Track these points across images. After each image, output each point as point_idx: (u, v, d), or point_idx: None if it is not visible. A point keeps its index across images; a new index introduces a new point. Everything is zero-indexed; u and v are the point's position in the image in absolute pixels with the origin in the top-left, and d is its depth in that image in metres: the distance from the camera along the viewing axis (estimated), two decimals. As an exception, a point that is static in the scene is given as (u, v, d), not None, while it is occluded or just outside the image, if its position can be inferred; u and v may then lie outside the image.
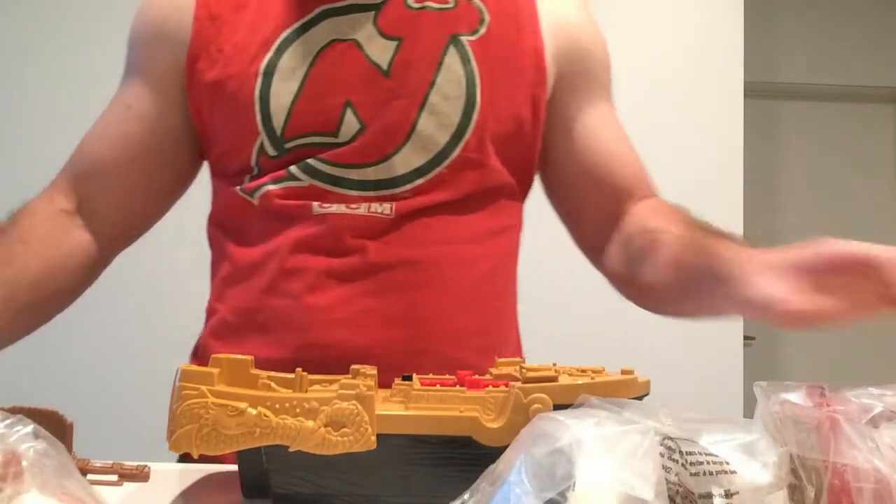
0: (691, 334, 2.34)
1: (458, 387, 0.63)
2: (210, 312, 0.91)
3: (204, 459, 0.80)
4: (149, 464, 0.70)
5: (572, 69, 0.93)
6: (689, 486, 0.48)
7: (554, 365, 0.71)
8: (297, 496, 0.61)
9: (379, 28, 0.85)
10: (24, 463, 0.46)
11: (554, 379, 0.62)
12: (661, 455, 0.48)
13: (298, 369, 0.62)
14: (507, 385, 0.61)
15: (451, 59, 0.85)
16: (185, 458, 0.89)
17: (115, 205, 0.91)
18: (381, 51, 0.85)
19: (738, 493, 0.48)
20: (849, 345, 3.30)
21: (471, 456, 0.58)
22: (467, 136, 0.85)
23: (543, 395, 0.59)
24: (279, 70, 0.84)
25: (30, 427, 0.48)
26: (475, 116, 0.85)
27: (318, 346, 0.81)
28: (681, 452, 0.49)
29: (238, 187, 0.87)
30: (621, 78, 0.99)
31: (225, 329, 0.88)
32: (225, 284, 0.89)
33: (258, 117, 0.83)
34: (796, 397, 0.52)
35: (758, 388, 0.54)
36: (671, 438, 0.49)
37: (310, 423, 0.57)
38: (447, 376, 0.68)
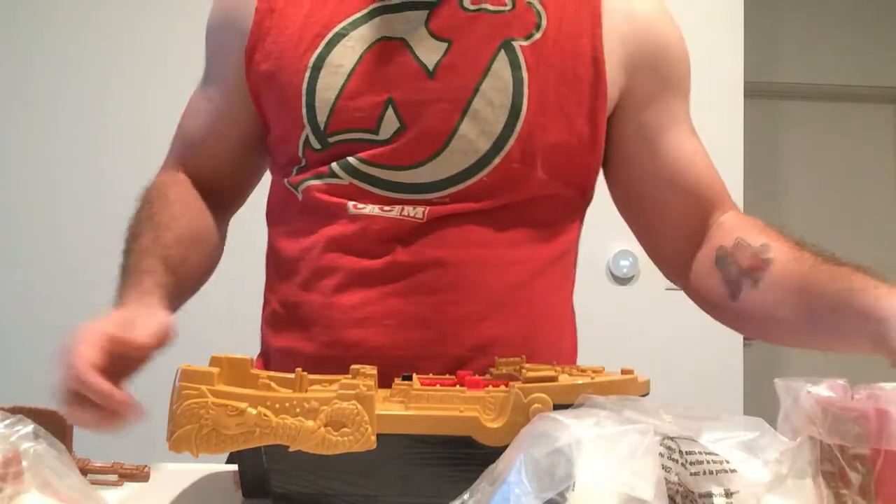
0: (691, 334, 2.34)
1: (457, 387, 0.63)
2: (265, 301, 0.93)
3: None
4: (149, 464, 0.70)
5: (648, 76, 0.89)
6: (689, 486, 0.48)
7: (554, 365, 0.71)
8: (297, 496, 0.61)
9: (430, 29, 0.84)
10: (24, 463, 0.46)
11: (554, 379, 0.62)
12: (661, 455, 0.48)
13: (298, 369, 0.62)
14: (506, 385, 0.61)
15: (500, 64, 0.83)
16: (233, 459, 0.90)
17: (211, 180, 0.96)
18: (429, 52, 0.83)
19: (737, 491, 0.48)
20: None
21: (471, 456, 0.58)
22: (510, 144, 0.82)
23: (543, 395, 0.59)
24: (327, 65, 0.84)
25: (30, 427, 0.48)
26: (519, 125, 0.82)
27: (344, 345, 0.82)
28: (681, 452, 0.49)
29: (286, 179, 0.89)
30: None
31: (275, 320, 0.90)
32: (274, 276, 0.91)
33: (304, 110, 0.84)
34: (824, 392, 0.54)
35: (780, 383, 0.55)
36: (671, 438, 0.49)
37: (310, 423, 0.57)
38: (447, 376, 0.68)
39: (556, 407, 0.58)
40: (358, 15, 0.86)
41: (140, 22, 2.41)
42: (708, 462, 0.49)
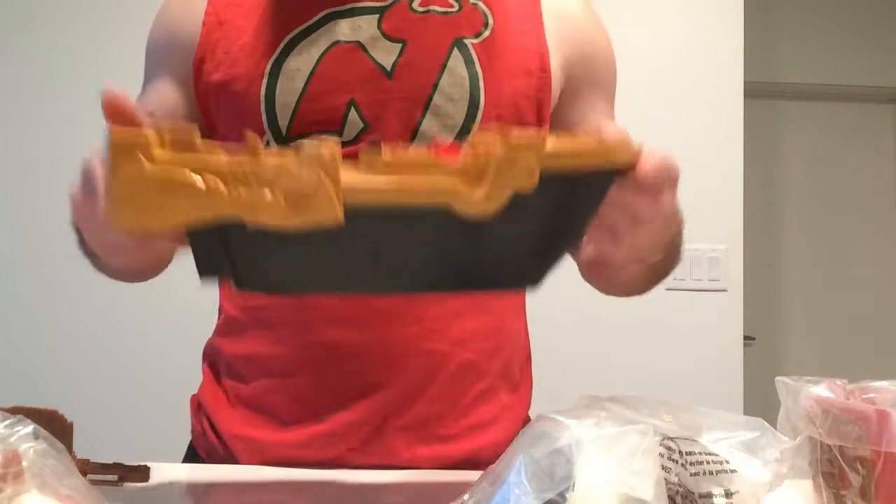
0: (691, 334, 2.34)
1: (433, 153, 0.55)
2: (219, 310, 0.93)
3: (212, 460, 0.79)
4: (149, 464, 0.70)
5: (579, 75, 0.93)
6: (689, 486, 0.48)
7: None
8: (259, 281, 0.55)
9: (383, 30, 0.86)
10: (24, 463, 0.46)
11: (541, 145, 0.54)
12: (661, 455, 0.48)
13: (250, 133, 0.53)
14: (488, 153, 0.54)
15: (455, 61, 0.86)
16: (190, 458, 0.90)
17: None
18: (385, 52, 0.85)
19: (738, 492, 0.48)
20: (848, 344, 3.30)
21: (449, 228, 0.52)
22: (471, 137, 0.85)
23: (530, 154, 0.52)
24: (284, 71, 0.85)
25: (30, 427, 0.48)
26: (478, 118, 0.85)
27: (321, 344, 0.82)
28: (681, 452, 0.49)
29: None
30: (621, 78, 0.99)
31: (232, 327, 0.89)
32: None
33: (264, 117, 0.85)
34: (824, 392, 0.54)
35: (780, 383, 0.56)
36: (671, 438, 0.49)
37: (267, 194, 0.50)
38: (420, 147, 0.59)
39: (542, 180, 0.52)
40: (310, 22, 0.87)
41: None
42: (708, 462, 0.49)
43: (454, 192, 0.52)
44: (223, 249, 0.53)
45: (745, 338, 2.45)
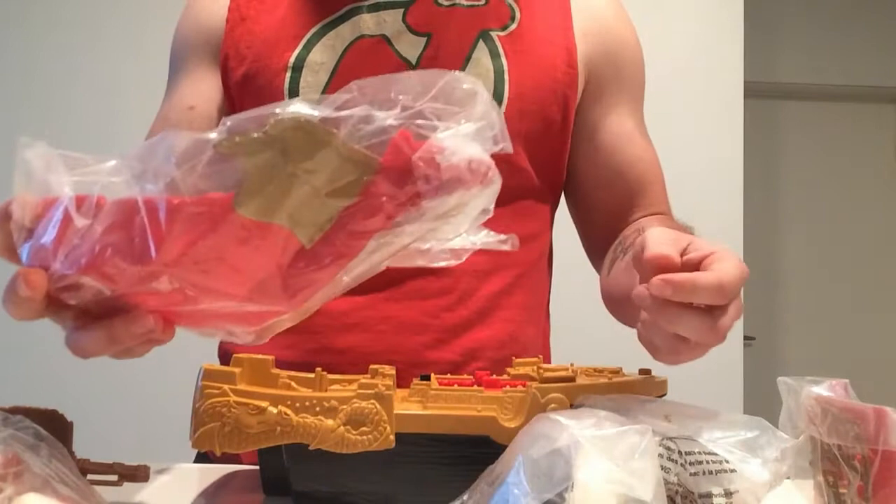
0: (691, 334, 2.33)
1: (475, 387, 0.63)
2: None
3: (224, 458, 0.80)
4: (149, 464, 0.70)
5: (603, 73, 0.91)
6: (689, 486, 0.48)
7: (571, 365, 0.71)
8: (317, 494, 0.61)
9: (408, 24, 0.86)
10: (24, 463, 0.46)
11: (571, 379, 0.62)
12: (661, 455, 0.48)
13: (318, 369, 0.62)
14: (524, 385, 0.61)
15: (480, 53, 0.85)
16: (202, 457, 0.90)
17: None
18: (410, 46, 0.85)
19: (737, 491, 0.48)
20: (848, 344, 3.30)
21: (488, 455, 0.58)
22: None
23: (560, 396, 0.59)
24: (308, 64, 0.85)
25: (30, 427, 0.48)
26: (502, 111, 0.83)
27: (333, 351, 0.82)
28: (680, 452, 0.49)
29: None
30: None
31: None
32: None
33: None
34: (824, 392, 0.55)
35: (781, 383, 0.57)
36: (670, 438, 0.49)
37: (329, 422, 0.58)
38: (465, 376, 0.69)
39: (574, 408, 0.59)
40: (333, 16, 0.87)
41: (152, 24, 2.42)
42: (707, 462, 0.49)
43: (492, 424, 0.59)
44: (287, 468, 0.61)
45: (745, 338, 2.45)
